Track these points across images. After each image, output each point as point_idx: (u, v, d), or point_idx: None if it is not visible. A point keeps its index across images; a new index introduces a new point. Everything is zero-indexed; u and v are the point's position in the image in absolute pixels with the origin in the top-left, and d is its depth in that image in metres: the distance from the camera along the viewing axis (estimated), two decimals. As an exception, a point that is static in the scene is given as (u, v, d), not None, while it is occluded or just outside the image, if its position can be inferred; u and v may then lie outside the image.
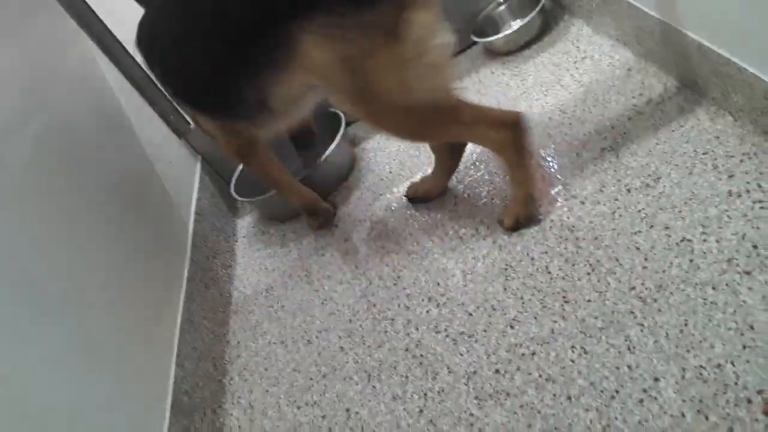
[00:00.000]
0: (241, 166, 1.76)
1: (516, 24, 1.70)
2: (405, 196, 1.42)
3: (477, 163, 1.40)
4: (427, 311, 1.17)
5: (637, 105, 1.26)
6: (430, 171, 1.40)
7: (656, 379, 0.85)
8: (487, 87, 1.61)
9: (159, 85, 1.70)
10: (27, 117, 1.16)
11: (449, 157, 1.34)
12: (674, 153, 1.12)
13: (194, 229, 1.55)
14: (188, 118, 1.77)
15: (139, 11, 1.20)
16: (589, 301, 1.00)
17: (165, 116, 1.74)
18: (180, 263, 1.42)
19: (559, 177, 1.23)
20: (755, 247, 0.90)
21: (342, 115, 1.69)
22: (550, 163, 1.28)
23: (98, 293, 1.09)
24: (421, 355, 1.10)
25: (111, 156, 1.39)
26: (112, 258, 1.18)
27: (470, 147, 1.45)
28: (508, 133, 1.07)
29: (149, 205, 1.43)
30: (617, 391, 0.87)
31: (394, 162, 1.60)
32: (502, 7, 1.75)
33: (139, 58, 1.66)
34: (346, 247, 1.45)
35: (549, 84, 1.48)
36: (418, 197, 1.40)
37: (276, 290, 1.47)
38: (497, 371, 0.99)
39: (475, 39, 1.70)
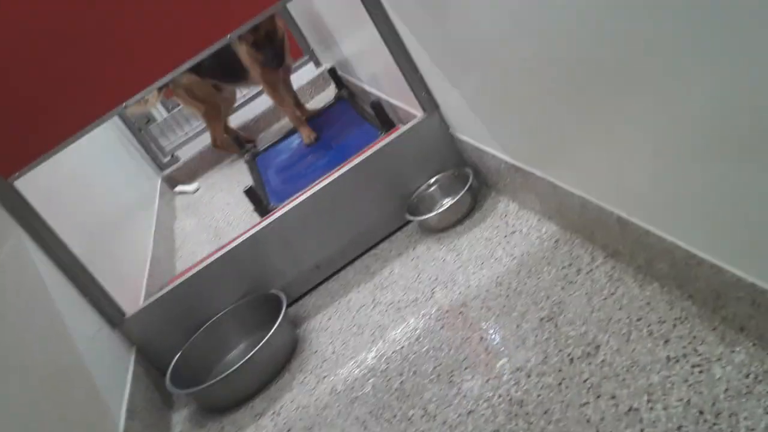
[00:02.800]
0: (178, 355, 1.69)
1: (447, 202, 1.78)
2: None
3: (420, 339, 1.40)
4: (379, 505, 1.09)
5: (568, 275, 1.31)
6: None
7: None
8: (425, 263, 1.65)
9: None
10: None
11: None
12: (610, 320, 1.15)
13: (125, 429, 1.44)
14: (122, 308, 1.73)
15: (73, 197, 1.21)
16: (546, 481, 0.96)
17: (98, 305, 1.69)
18: (108, 468, 1.30)
19: (503, 349, 1.23)
20: (701, 413, 0.90)
21: (282, 296, 1.69)
22: (493, 336, 1.28)
23: None
24: None
25: (36, 351, 1.31)
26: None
27: (413, 321, 1.46)
28: None
29: (75, 405, 1.34)
30: None
31: (338, 341, 1.58)
32: (433, 188, 1.85)
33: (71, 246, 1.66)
34: (289, 437, 1.37)
35: (483, 257, 1.53)
36: None
37: (214, 491, 1.36)
38: None
39: (410, 217, 1.78)
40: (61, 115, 1.61)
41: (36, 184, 1.76)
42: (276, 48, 2.67)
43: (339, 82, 3.18)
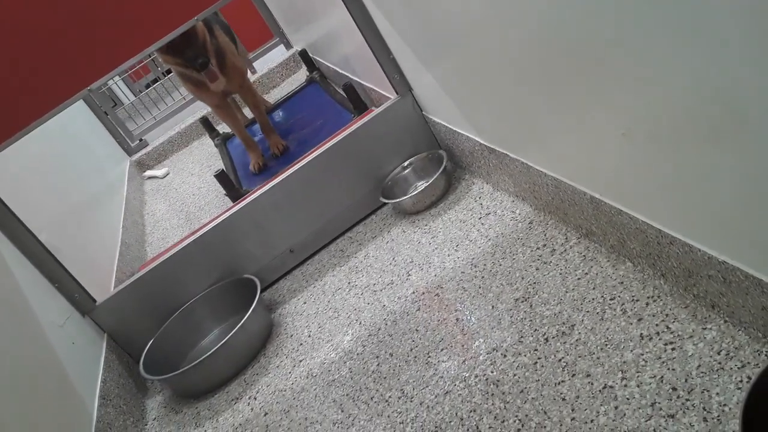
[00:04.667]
0: (151, 341, 1.67)
1: (422, 185, 1.78)
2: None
3: (397, 321, 1.40)
4: (358, 486, 1.09)
5: (542, 255, 1.32)
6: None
7: None
8: (400, 245, 1.65)
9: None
10: None
11: None
12: (583, 300, 1.16)
13: (98, 416, 1.42)
14: (93, 295, 1.70)
15: (39, 183, 1.18)
16: (523, 459, 0.97)
17: (68, 294, 1.66)
18: (81, 457, 1.29)
19: (479, 330, 1.24)
20: (674, 389, 0.92)
21: (257, 280, 1.67)
22: (469, 317, 1.29)
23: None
24: None
25: (2, 341, 1.28)
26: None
27: (389, 303, 1.46)
28: None
29: (47, 394, 1.31)
30: None
31: (313, 325, 1.57)
32: (408, 170, 1.84)
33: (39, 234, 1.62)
34: (266, 422, 1.37)
35: (458, 239, 1.53)
36: None
37: (191, 477, 1.35)
38: None
39: (385, 200, 1.77)
40: (25, 100, 1.56)
41: (0, 171, 1.71)
42: (196, 49, 2.27)
43: (310, 65, 3.14)
